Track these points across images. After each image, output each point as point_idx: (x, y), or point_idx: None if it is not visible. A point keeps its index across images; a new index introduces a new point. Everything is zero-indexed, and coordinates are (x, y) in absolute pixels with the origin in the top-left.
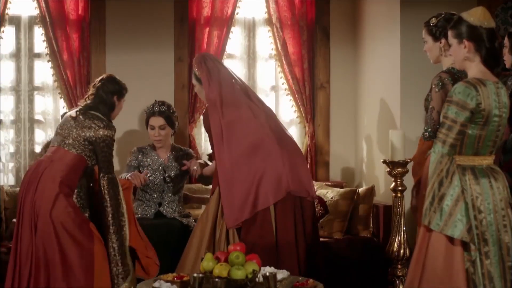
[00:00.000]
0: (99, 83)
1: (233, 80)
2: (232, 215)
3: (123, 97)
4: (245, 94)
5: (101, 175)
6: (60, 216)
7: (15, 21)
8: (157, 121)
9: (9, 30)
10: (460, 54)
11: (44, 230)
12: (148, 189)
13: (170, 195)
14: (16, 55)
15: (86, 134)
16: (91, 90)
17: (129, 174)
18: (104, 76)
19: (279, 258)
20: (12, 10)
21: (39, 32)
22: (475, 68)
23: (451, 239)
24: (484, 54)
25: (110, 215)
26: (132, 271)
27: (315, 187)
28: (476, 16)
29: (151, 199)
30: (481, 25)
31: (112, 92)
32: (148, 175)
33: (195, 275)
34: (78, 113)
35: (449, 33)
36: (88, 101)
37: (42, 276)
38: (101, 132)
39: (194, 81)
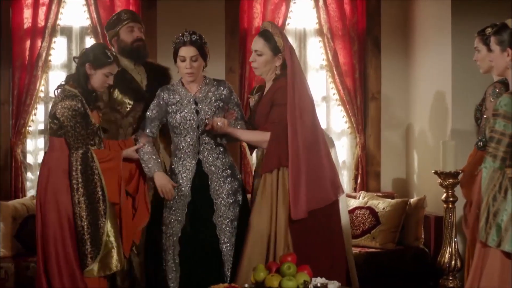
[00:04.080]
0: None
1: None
2: (301, 204)
3: (102, 67)
4: None
5: (70, 152)
6: (48, 205)
7: (67, 32)
8: (189, 51)
9: (60, 41)
10: (503, 62)
11: (45, 221)
12: (181, 133)
13: (206, 134)
14: (68, 66)
15: (51, 113)
16: None
17: (157, 183)
18: None
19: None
20: (63, 21)
21: (90, 43)
22: None
23: (507, 255)
24: None
25: (82, 191)
26: (104, 253)
27: (366, 198)
28: None
29: (187, 146)
30: None
31: (84, 61)
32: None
33: (246, 285)
34: (54, 93)
35: (492, 39)
36: None
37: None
38: (59, 106)
39: (266, 49)
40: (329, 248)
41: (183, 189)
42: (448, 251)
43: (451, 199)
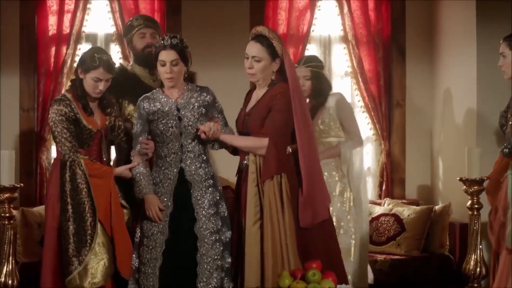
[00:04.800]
0: None
1: None
2: (311, 212)
3: (88, 71)
4: None
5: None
6: (48, 209)
7: (92, 38)
8: (169, 55)
9: (86, 48)
10: None
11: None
12: (163, 141)
13: (189, 141)
14: None
15: None
16: None
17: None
18: None
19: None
20: (88, 27)
21: (115, 50)
22: None
23: None
24: None
25: (68, 200)
26: (87, 263)
27: (391, 205)
28: None
29: (169, 154)
30: None
31: (77, 65)
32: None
33: None
34: None
35: None
36: None
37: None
38: (50, 111)
39: (264, 55)
40: (328, 255)
41: (165, 199)
42: (473, 258)
43: (476, 206)
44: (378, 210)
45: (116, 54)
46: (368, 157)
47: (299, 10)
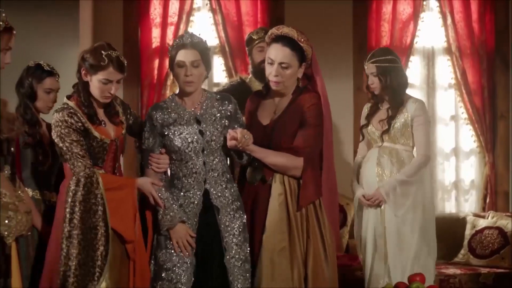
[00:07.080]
0: None
1: None
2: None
3: (97, 72)
4: None
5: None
6: (53, 231)
7: None
8: (189, 55)
9: None
10: None
11: None
12: (180, 158)
13: (212, 158)
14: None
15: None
16: None
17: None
18: None
19: None
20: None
21: (219, 62)
22: None
23: None
24: None
25: (76, 223)
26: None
27: (495, 218)
28: None
29: (190, 174)
30: None
31: (78, 67)
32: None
33: None
34: None
35: None
36: None
37: None
38: (52, 125)
39: (294, 60)
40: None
41: (190, 227)
42: None
43: None
44: (482, 223)
45: (219, 67)
46: (472, 169)
47: (402, 22)
